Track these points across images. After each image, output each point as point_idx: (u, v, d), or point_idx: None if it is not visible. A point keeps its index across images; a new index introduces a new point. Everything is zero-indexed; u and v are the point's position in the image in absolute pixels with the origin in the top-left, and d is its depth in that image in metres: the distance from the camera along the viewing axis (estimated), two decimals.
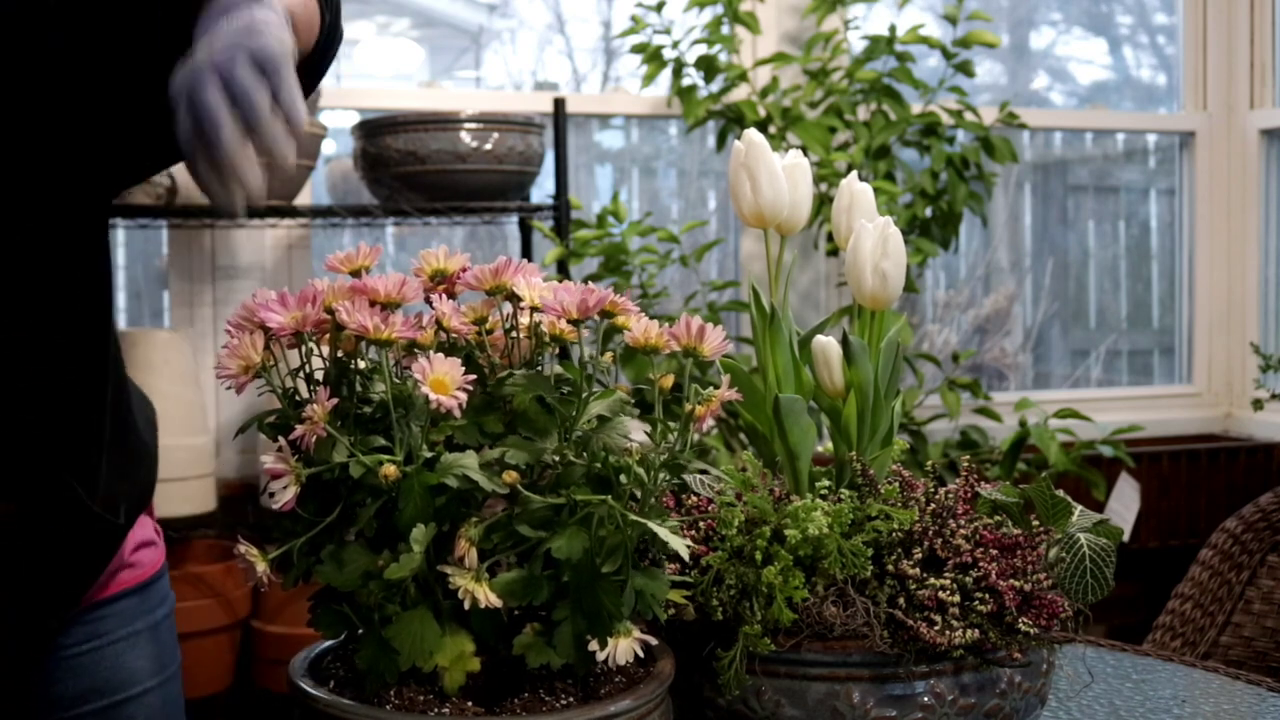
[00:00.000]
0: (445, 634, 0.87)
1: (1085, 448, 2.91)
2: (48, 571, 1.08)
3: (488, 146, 2.50)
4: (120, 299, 3.03)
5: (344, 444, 0.87)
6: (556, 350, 0.96)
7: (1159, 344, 3.73)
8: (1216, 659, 1.92)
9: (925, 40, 2.82)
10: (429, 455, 0.88)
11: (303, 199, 2.82)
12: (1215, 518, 2.68)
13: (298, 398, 0.90)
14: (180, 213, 2.48)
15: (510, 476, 0.87)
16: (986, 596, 0.98)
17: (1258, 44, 3.51)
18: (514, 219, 2.78)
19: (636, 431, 0.94)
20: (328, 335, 0.92)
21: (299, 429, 0.85)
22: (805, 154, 1.36)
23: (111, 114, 1.01)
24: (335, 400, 0.86)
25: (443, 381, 0.86)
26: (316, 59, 1.08)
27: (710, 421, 0.95)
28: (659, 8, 2.81)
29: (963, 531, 1.01)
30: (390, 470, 0.85)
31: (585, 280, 1.23)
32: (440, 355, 0.87)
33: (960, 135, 2.93)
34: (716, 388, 0.95)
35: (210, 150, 0.84)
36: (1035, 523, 1.05)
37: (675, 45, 2.84)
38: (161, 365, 2.53)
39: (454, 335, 0.95)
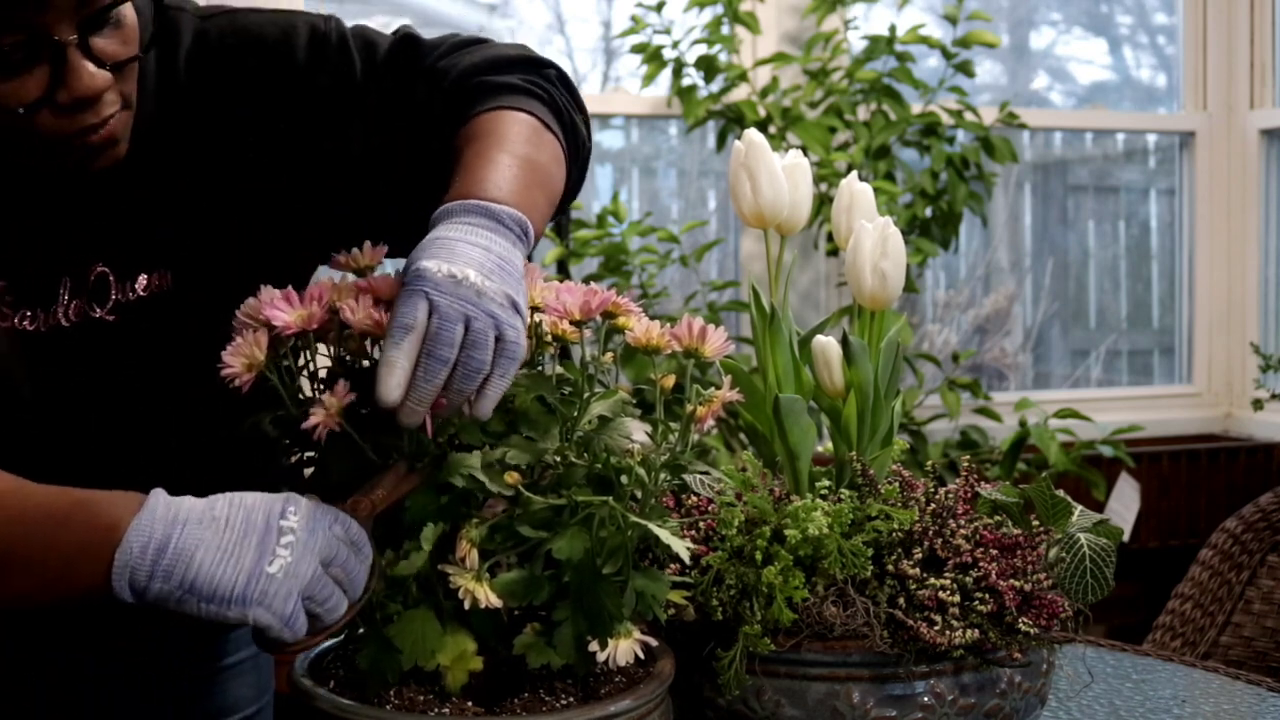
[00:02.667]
0: (447, 634, 0.87)
1: (1085, 448, 2.91)
2: None
3: None
4: None
5: (354, 438, 0.87)
6: (557, 350, 0.96)
7: (1159, 344, 3.73)
8: (1216, 659, 1.92)
9: (925, 40, 2.82)
10: (434, 454, 0.88)
11: None
12: (1215, 518, 2.68)
13: (301, 396, 0.90)
14: None
15: (512, 477, 0.87)
16: (986, 596, 0.98)
17: (1258, 44, 3.51)
18: None
19: (638, 432, 0.94)
20: (333, 334, 0.92)
21: (313, 418, 0.85)
22: (805, 154, 1.36)
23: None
24: (352, 395, 0.86)
25: None
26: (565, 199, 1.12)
27: (710, 421, 0.95)
28: (659, 8, 2.81)
29: (963, 531, 1.01)
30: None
31: (585, 280, 1.23)
32: None
33: (960, 135, 2.93)
34: (717, 388, 0.95)
35: (414, 360, 0.84)
36: (1035, 523, 1.05)
37: (675, 45, 2.84)
38: None
39: None
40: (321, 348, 0.92)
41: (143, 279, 1.06)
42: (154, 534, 0.84)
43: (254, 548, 0.83)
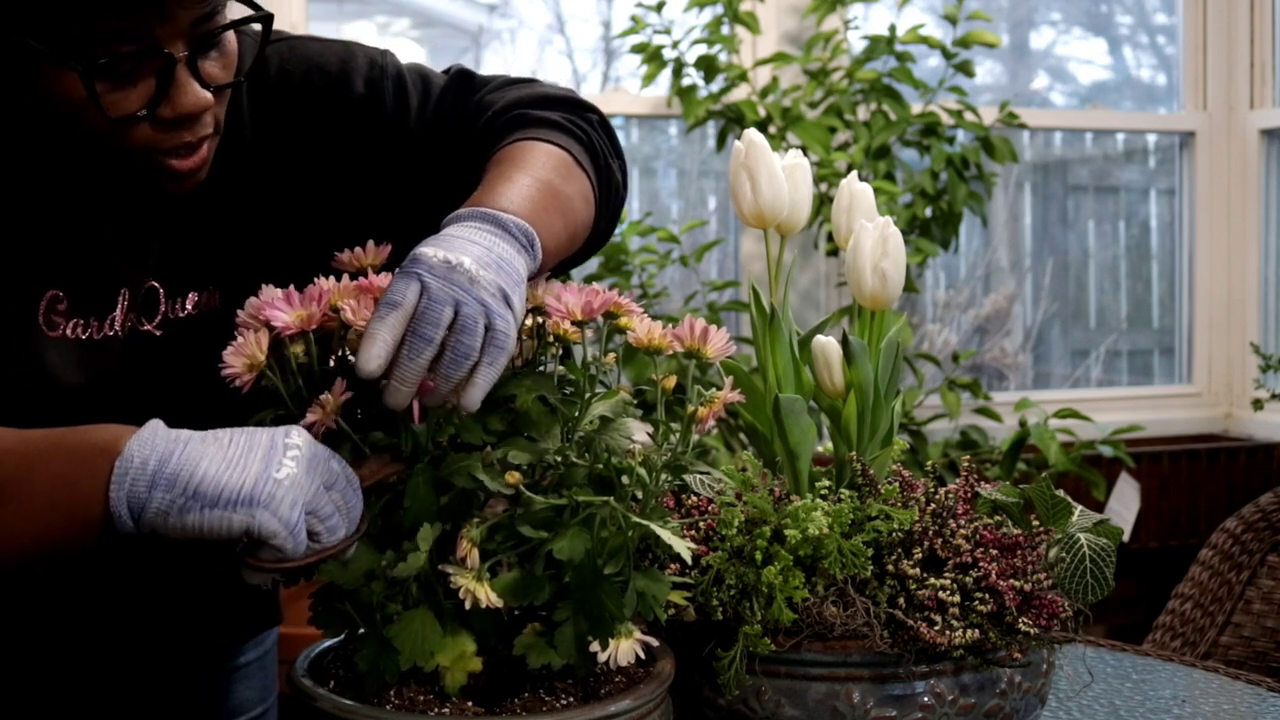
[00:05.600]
0: (446, 634, 0.88)
1: (1085, 448, 2.91)
2: (237, 596, 1.18)
3: None
4: None
5: (352, 438, 0.87)
6: (559, 350, 0.96)
7: (1159, 344, 3.73)
8: (1216, 659, 1.92)
9: (925, 40, 2.82)
10: (434, 454, 0.88)
11: None
12: (1215, 518, 2.68)
13: (303, 394, 0.90)
14: None
15: (513, 477, 0.87)
16: (986, 596, 0.98)
17: (1258, 44, 3.51)
18: None
19: (639, 432, 0.94)
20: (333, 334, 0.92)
21: (310, 415, 0.86)
22: (805, 154, 1.36)
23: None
24: (350, 393, 0.86)
25: None
26: (596, 238, 1.15)
27: (711, 422, 0.95)
28: (659, 8, 2.81)
29: (963, 531, 1.01)
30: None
31: (586, 280, 1.23)
32: None
33: (960, 135, 2.93)
34: (718, 389, 0.95)
35: (399, 342, 0.85)
36: (1035, 523, 1.06)
37: (675, 45, 2.84)
38: None
39: None
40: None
41: (193, 296, 1.08)
42: (155, 447, 0.83)
43: (260, 459, 0.83)
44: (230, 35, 0.98)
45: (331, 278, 0.93)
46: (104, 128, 0.93)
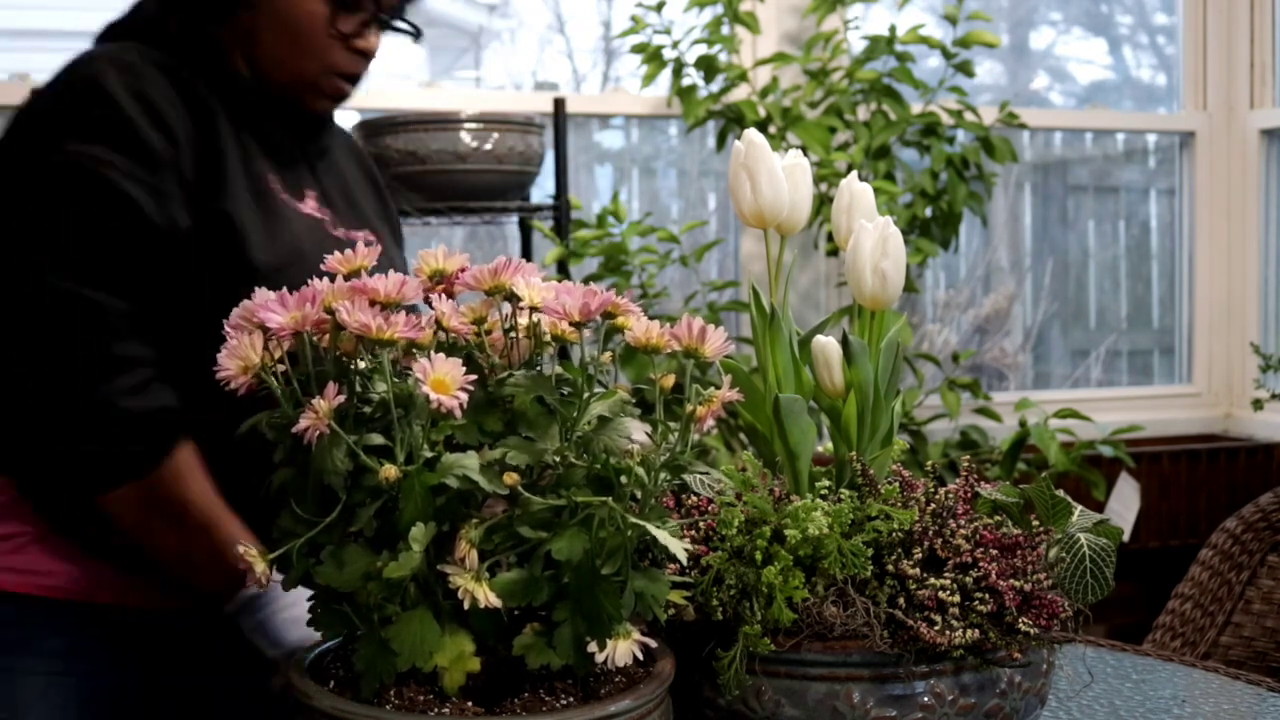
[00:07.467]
0: (445, 634, 0.87)
1: (1085, 448, 2.91)
2: None
3: (488, 147, 2.50)
4: None
5: (346, 441, 0.87)
6: (556, 350, 0.96)
7: (1159, 344, 3.73)
8: (1216, 659, 1.92)
9: (925, 40, 2.82)
10: (429, 455, 0.88)
11: None
12: (1215, 518, 2.68)
13: (299, 397, 0.90)
14: None
15: (511, 478, 0.87)
16: (986, 596, 0.98)
17: (1258, 44, 3.51)
18: (514, 219, 2.78)
19: (637, 432, 0.94)
20: (327, 335, 0.92)
21: (302, 422, 0.85)
22: (805, 154, 1.36)
23: None
24: (341, 397, 0.86)
25: (444, 381, 0.86)
26: None
27: (710, 422, 0.95)
28: (659, 8, 2.81)
29: (963, 531, 1.01)
30: (391, 471, 0.85)
31: (585, 280, 1.23)
32: (441, 355, 0.87)
33: (960, 135, 2.93)
34: (717, 388, 0.95)
35: None
36: (1035, 523, 1.05)
37: (675, 45, 2.84)
38: None
39: (453, 335, 0.95)
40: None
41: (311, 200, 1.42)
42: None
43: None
44: None
45: (325, 279, 0.93)
46: (318, 42, 1.34)
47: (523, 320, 0.95)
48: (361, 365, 0.92)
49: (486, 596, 0.85)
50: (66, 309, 1.17)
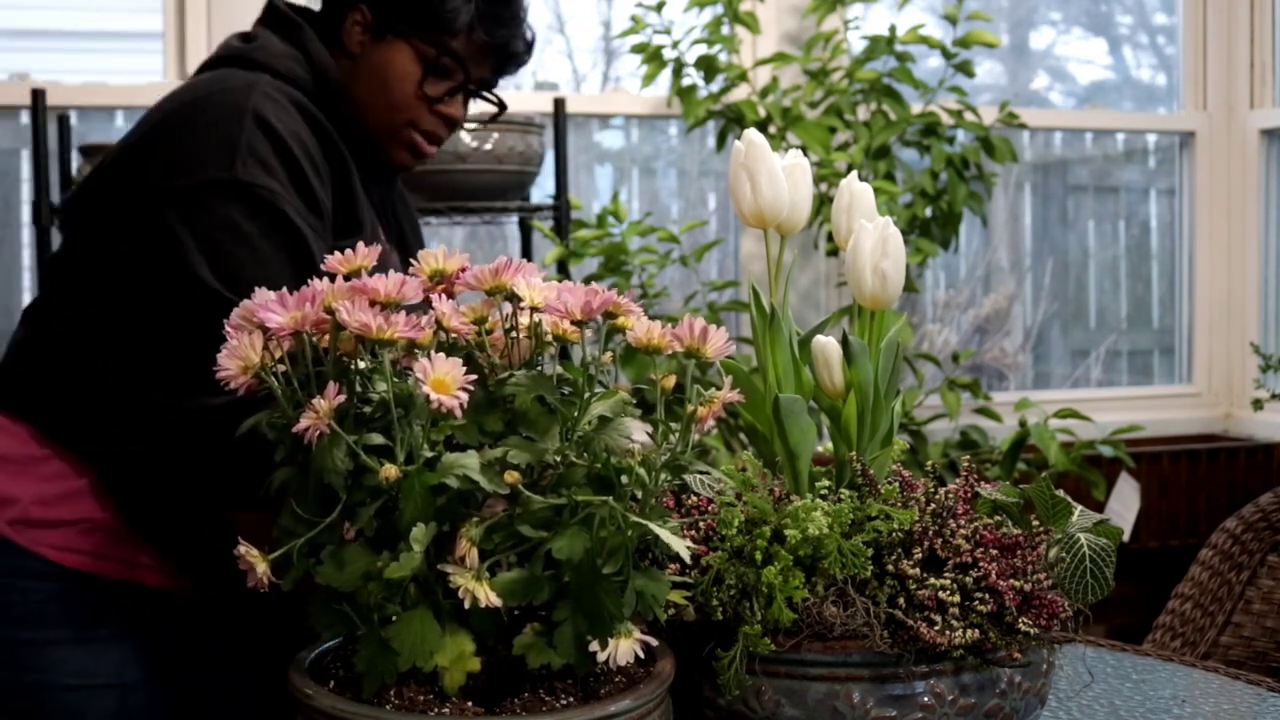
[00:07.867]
0: (445, 634, 0.87)
1: (1085, 448, 2.91)
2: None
3: (488, 146, 2.50)
4: None
5: (346, 441, 0.87)
6: (556, 350, 0.96)
7: (1159, 344, 3.73)
8: (1216, 659, 1.92)
9: (925, 40, 2.82)
10: (430, 455, 0.88)
11: None
12: (1215, 518, 2.68)
13: (298, 399, 0.90)
14: None
15: (511, 477, 0.87)
16: (986, 596, 0.98)
17: (1258, 44, 3.51)
18: (514, 219, 2.78)
19: (638, 432, 0.94)
20: (327, 335, 0.92)
21: (303, 422, 0.85)
22: (805, 154, 1.36)
23: None
24: (342, 397, 0.86)
25: (444, 381, 0.86)
26: None
27: (711, 422, 0.95)
28: (659, 8, 2.81)
29: (963, 531, 1.01)
30: (391, 471, 0.85)
31: (585, 280, 1.23)
32: (441, 355, 0.87)
33: (960, 135, 2.93)
34: (717, 388, 0.95)
35: None
36: (1035, 523, 1.05)
37: (675, 45, 2.84)
38: None
39: (453, 335, 0.95)
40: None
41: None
42: None
43: None
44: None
45: (325, 279, 0.93)
46: (406, 100, 1.40)
47: (523, 320, 0.95)
48: (361, 365, 0.92)
49: (487, 596, 0.85)
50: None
